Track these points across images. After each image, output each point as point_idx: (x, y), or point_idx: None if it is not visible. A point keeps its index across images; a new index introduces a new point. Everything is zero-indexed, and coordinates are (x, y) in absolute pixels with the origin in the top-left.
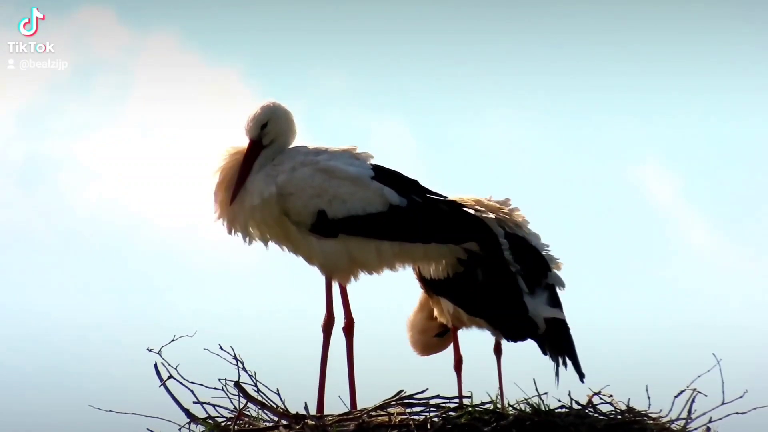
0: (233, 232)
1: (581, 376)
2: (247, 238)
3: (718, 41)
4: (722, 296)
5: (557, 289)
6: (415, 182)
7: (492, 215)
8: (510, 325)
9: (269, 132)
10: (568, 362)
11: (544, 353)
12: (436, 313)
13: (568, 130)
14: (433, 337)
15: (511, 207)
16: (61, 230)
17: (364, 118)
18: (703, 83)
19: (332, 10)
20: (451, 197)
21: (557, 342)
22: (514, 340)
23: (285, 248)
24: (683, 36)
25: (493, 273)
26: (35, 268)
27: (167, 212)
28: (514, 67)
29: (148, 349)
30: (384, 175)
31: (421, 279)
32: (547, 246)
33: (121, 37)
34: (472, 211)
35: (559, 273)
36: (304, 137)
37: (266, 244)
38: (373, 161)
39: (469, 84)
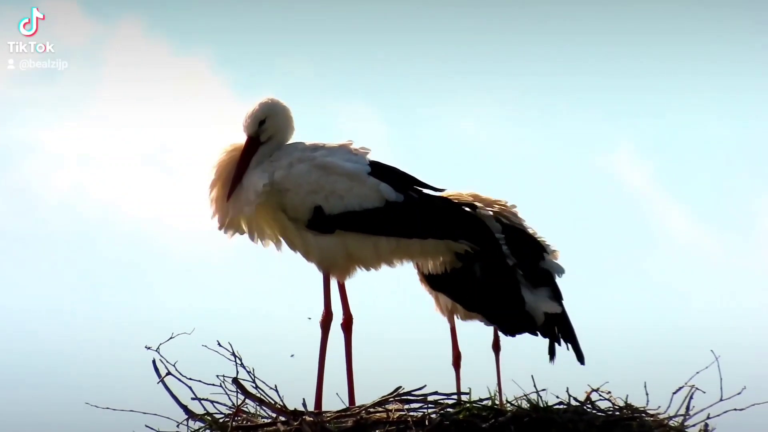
0: (226, 229)
1: (581, 359)
2: (238, 234)
3: (682, 28)
4: (707, 286)
5: (555, 277)
6: (412, 178)
7: (489, 210)
8: (507, 321)
9: (267, 128)
10: (567, 345)
11: (544, 336)
12: (438, 308)
13: (537, 117)
14: None
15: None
16: (29, 218)
17: (334, 105)
18: (670, 69)
19: None
20: (450, 192)
21: (556, 332)
22: (512, 335)
23: (282, 245)
24: (648, 24)
25: (491, 269)
26: (14, 265)
27: (136, 201)
28: (485, 57)
29: (146, 347)
30: (381, 171)
31: (421, 274)
32: (544, 238)
33: (85, 28)
34: (468, 208)
35: (556, 261)
36: None
37: (264, 242)
38: (370, 156)
39: (441, 72)
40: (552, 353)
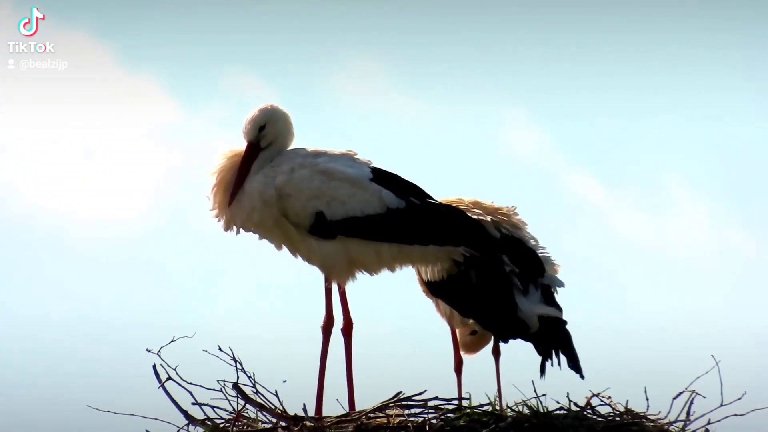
0: (236, 230)
1: (580, 374)
2: (241, 232)
3: None
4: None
5: (553, 290)
6: (414, 185)
7: (489, 218)
8: (499, 325)
9: (267, 134)
10: (563, 359)
11: (539, 352)
12: (439, 313)
13: (428, 86)
14: (468, 335)
15: (514, 213)
16: None
17: (219, 72)
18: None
19: None
20: (450, 198)
21: (551, 340)
22: (504, 340)
23: (284, 248)
24: None
25: (487, 274)
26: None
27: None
28: (376, 24)
29: (147, 350)
30: (383, 178)
31: (421, 281)
32: (545, 248)
33: None
34: (469, 214)
35: (556, 275)
36: (166, 100)
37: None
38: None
39: (329, 39)
40: (543, 370)
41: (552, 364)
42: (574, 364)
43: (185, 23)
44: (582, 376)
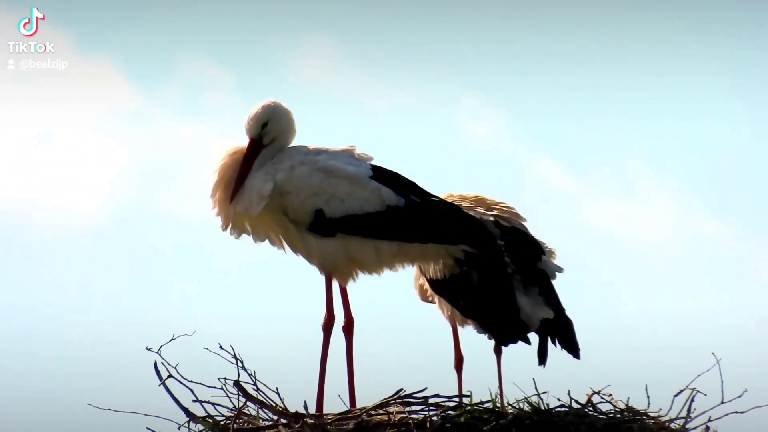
0: (230, 230)
1: (576, 354)
2: (243, 235)
3: None
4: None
5: (551, 277)
6: (413, 183)
7: (490, 215)
8: (500, 328)
9: (269, 131)
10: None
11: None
12: (438, 309)
13: (384, 70)
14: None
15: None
16: None
17: (179, 57)
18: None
19: None
20: (453, 195)
21: (551, 333)
22: (504, 344)
23: (285, 247)
24: None
25: (488, 275)
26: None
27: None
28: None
29: (147, 349)
30: (382, 175)
31: (424, 278)
32: (545, 243)
33: None
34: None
35: (554, 261)
36: (122, 84)
37: (268, 240)
38: (373, 162)
39: (282, 20)
40: (542, 356)
41: (555, 344)
42: (569, 345)
43: (140, 7)
44: (577, 356)
